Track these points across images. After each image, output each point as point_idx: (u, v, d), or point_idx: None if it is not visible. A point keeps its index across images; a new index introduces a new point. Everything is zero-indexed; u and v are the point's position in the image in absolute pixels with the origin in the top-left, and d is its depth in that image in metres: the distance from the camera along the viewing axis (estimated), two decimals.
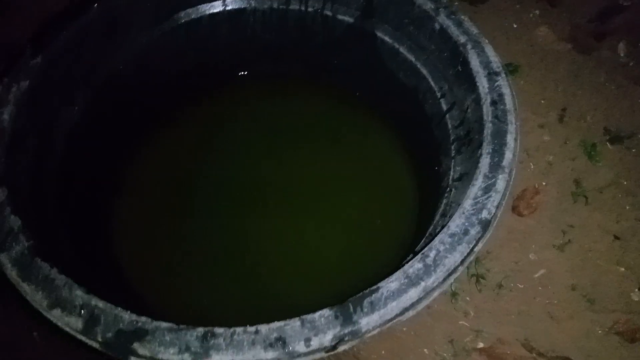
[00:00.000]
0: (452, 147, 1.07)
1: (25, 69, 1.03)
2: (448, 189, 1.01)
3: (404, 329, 1.16)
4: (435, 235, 0.85)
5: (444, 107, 1.13)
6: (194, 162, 1.37)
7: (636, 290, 1.18)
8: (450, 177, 1.03)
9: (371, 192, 1.31)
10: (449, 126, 1.10)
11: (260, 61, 1.43)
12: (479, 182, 0.86)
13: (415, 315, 1.15)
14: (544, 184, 1.34)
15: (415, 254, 0.90)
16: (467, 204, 0.84)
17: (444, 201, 0.99)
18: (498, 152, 0.89)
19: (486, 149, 0.90)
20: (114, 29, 1.19)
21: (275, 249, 1.24)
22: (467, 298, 1.19)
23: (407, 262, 0.81)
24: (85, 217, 1.15)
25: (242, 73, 1.45)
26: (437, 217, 0.97)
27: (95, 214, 1.21)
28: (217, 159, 1.39)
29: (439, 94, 1.14)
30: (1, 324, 1.15)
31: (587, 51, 1.64)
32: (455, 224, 0.82)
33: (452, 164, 1.05)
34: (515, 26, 1.69)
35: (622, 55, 1.64)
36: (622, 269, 1.21)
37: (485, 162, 0.89)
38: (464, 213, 0.83)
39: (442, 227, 0.84)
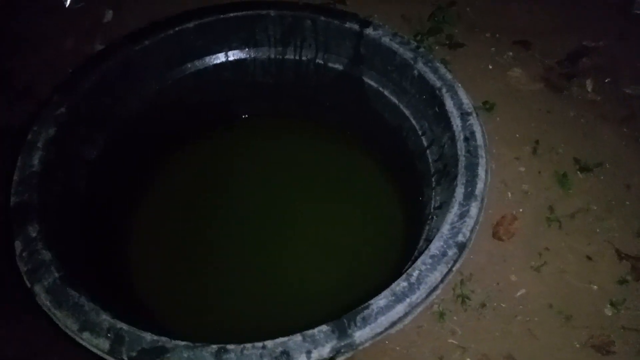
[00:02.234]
0: (433, 179, 1.20)
1: (51, 118, 1.16)
2: (430, 216, 1.13)
3: (397, 347, 1.25)
4: (418, 257, 0.97)
5: (425, 143, 1.26)
6: (200, 194, 1.51)
7: (608, 306, 1.29)
8: (432, 206, 1.15)
9: (362, 220, 1.43)
10: (430, 160, 1.23)
11: (259, 103, 1.58)
12: (454, 210, 0.99)
13: (406, 334, 1.26)
14: (520, 211, 1.46)
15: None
16: (445, 229, 0.96)
17: (427, 227, 1.11)
18: (471, 182, 1.02)
19: (460, 180, 1.03)
20: (130, 77, 1.33)
21: (275, 271, 1.35)
22: (454, 318, 1.29)
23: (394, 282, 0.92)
24: (104, 244, 1.26)
25: (244, 114, 1.59)
26: (422, 241, 1.08)
27: (114, 240, 1.33)
28: (220, 191, 1.52)
29: (420, 132, 1.28)
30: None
31: (558, 89, 1.80)
32: (435, 246, 0.94)
33: (433, 194, 1.17)
34: (490, 67, 1.85)
35: (589, 92, 1.79)
36: (595, 287, 1.32)
37: (459, 191, 1.01)
38: (442, 237, 0.95)
39: (424, 250, 0.96)
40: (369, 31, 1.31)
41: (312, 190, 1.51)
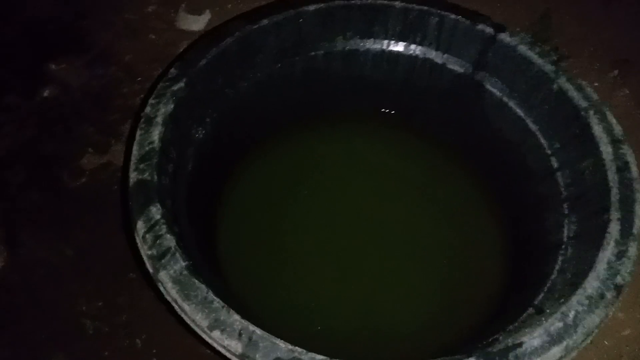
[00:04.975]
0: (565, 205, 1.12)
1: (170, 92, 1.10)
2: (563, 246, 1.05)
3: None
4: (565, 294, 0.90)
5: (555, 164, 1.18)
6: (290, 183, 1.44)
7: None
8: (565, 235, 1.07)
9: (457, 241, 1.33)
10: (561, 184, 1.15)
11: (363, 99, 1.50)
12: (610, 247, 0.91)
13: None
14: None
15: (537, 308, 0.94)
16: (601, 267, 0.89)
17: (560, 258, 1.03)
18: (627, 219, 0.94)
19: (614, 215, 0.95)
20: (243, 58, 1.26)
21: (354, 284, 1.28)
22: None
23: (544, 319, 0.85)
24: (201, 229, 1.20)
25: (346, 109, 1.52)
26: (555, 273, 1.01)
27: (207, 226, 1.27)
28: (310, 184, 1.44)
29: (549, 151, 1.19)
30: None
31: None
32: (591, 286, 0.87)
33: (566, 221, 1.09)
34: (597, 84, 1.75)
35: None
36: None
37: (614, 228, 0.93)
38: (598, 277, 0.88)
39: (576, 288, 0.88)
40: (504, 37, 1.23)
41: (406, 201, 1.42)
